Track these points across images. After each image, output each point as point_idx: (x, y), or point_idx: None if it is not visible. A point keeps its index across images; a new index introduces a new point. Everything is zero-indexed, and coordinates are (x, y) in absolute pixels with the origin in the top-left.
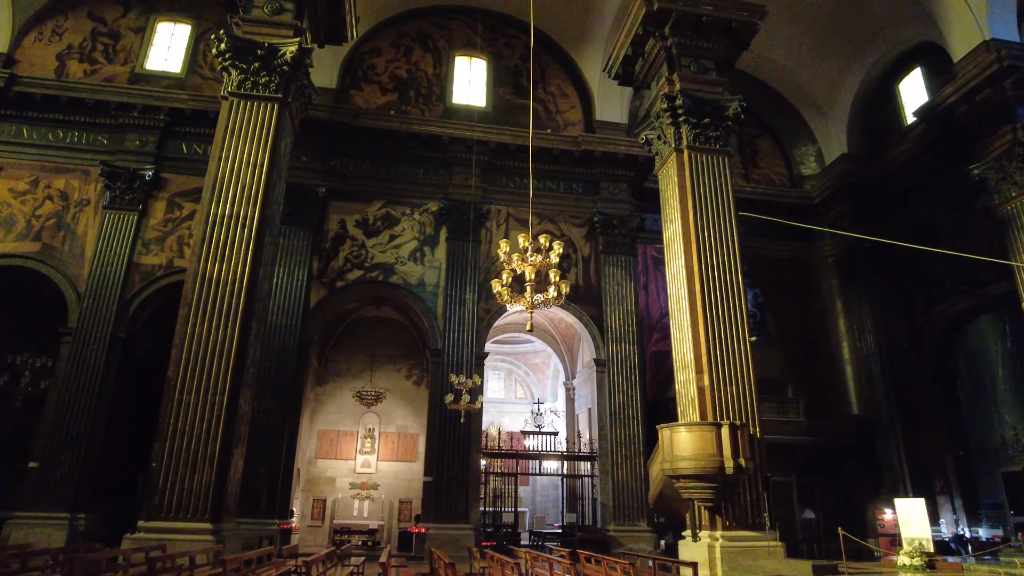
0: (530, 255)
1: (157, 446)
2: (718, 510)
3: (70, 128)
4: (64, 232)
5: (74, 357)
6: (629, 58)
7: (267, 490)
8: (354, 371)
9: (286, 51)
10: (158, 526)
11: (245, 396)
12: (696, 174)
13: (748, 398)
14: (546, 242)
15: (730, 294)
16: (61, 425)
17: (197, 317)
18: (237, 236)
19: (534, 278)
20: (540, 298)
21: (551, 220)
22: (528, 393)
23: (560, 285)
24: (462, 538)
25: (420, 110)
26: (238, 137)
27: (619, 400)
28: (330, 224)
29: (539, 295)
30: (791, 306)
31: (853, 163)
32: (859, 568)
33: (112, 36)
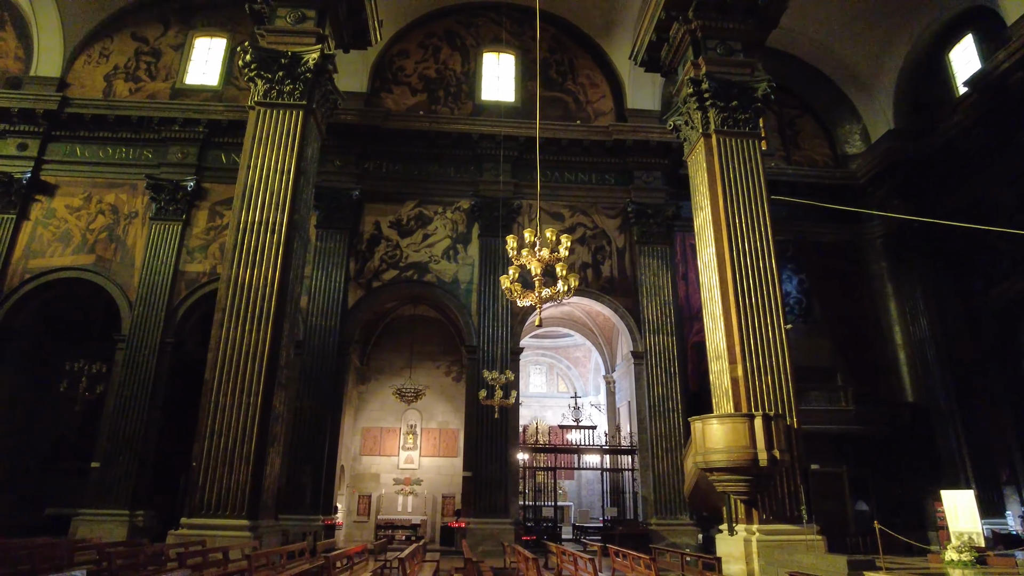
0: (538, 250)
1: (196, 446)
2: (754, 503)
3: (118, 145)
4: (115, 244)
5: (128, 362)
6: (654, 44)
7: (311, 487)
8: (395, 369)
9: (308, 58)
10: (199, 523)
11: (279, 396)
12: (725, 159)
13: (784, 387)
14: (552, 236)
15: (764, 281)
16: (118, 427)
17: (231, 321)
18: (267, 241)
19: (540, 273)
20: (548, 293)
21: (583, 212)
22: (570, 387)
23: (569, 279)
24: (501, 532)
25: (450, 108)
26: (265, 145)
27: (658, 392)
28: (365, 226)
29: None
30: (838, 291)
31: (901, 139)
32: (901, 563)
33: (154, 54)
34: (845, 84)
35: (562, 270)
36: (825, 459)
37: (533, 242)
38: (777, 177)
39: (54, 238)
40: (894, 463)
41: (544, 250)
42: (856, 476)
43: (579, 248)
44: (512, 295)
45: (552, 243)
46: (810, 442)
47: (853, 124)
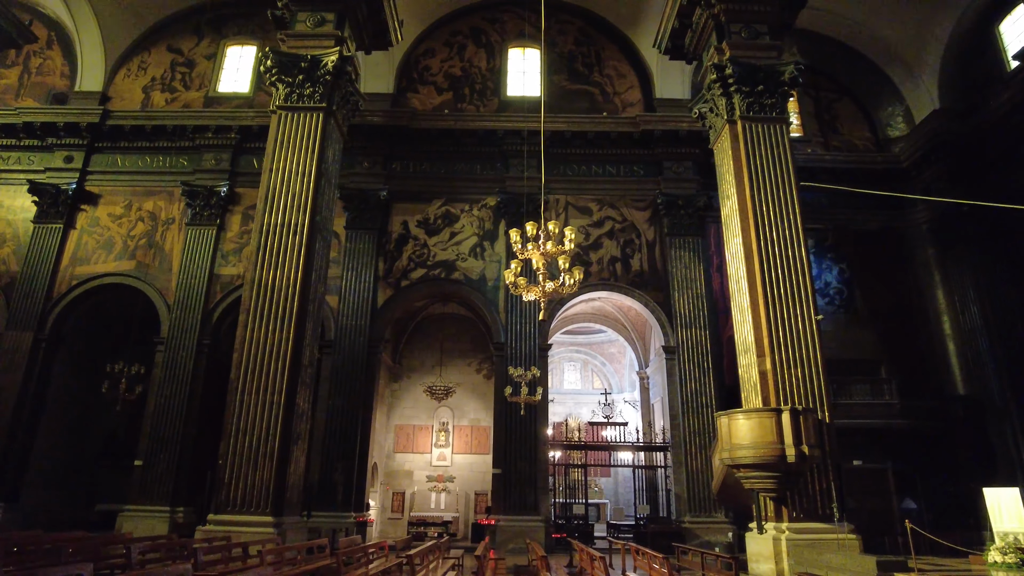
0: (542, 243)
1: (222, 444)
2: (783, 501)
3: (156, 153)
4: (154, 249)
5: (167, 364)
6: (677, 31)
7: (343, 484)
8: (427, 367)
9: (327, 61)
10: (225, 519)
11: (303, 395)
12: (751, 145)
13: (816, 381)
14: (555, 229)
15: (793, 271)
16: (159, 426)
17: (255, 322)
18: (289, 243)
19: (543, 266)
20: (551, 287)
21: (612, 206)
22: (605, 383)
23: (573, 272)
24: (531, 530)
25: (475, 106)
26: (287, 148)
27: (691, 388)
28: (393, 226)
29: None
30: (882, 280)
31: (947, 119)
32: (939, 564)
33: (188, 65)
34: (885, 64)
35: (564, 263)
36: (869, 455)
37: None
38: (815, 164)
39: (98, 245)
40: (945, 460)
41: (549, 243)
42: (903, 473)
43: (608, 242)
44: (517, 289)
45: (556, 236)
46: (852, 437)
47: (895, 106)
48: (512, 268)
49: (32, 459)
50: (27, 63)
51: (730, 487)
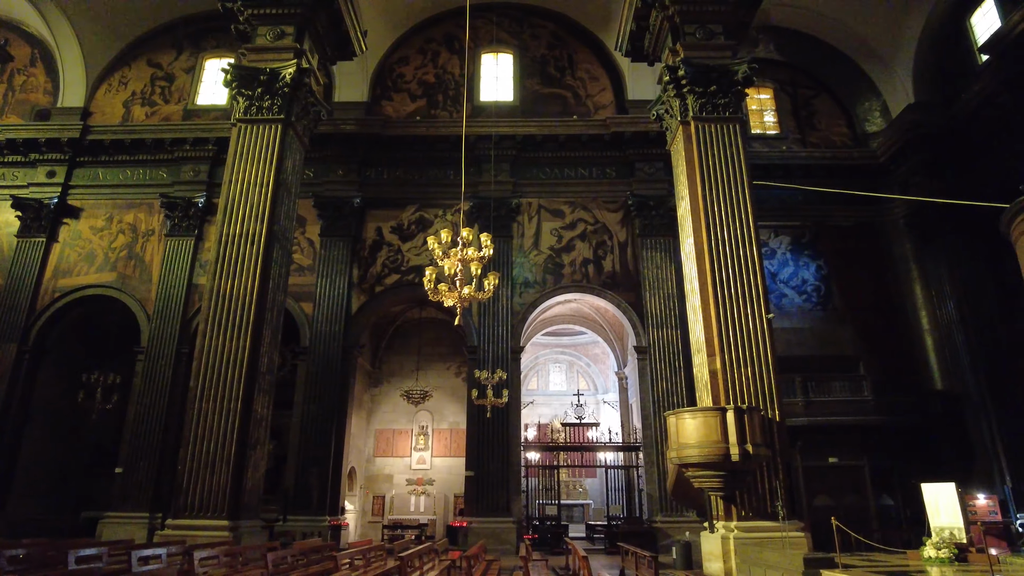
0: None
1: (181, 451)
2: (732, 500)
3: (136, 166)
4: (134, 261)
5: (146, 373)
6: (635, 33)
7: (318, 489)
8: (406, 371)
9: (285, 73)
10: (182, 523)
11: (261, 401)
12: (704, 146)
13: (766, 380)
14: (469, 236)
15: (745, 270)
16: (139, 434)
17: (214, 331)
18: (247, 253)
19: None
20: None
21: (584, 208)
22: (590, 384)
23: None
24: (503, 531)
25: (448, 112)
26: (246, 160)
27: (662, 388)
28: (367, 232)
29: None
30: (860, 276)
31: (922, 113)
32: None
33: (167, 79)
34: (862, 59)
35: (476, 269)
36: (846, 452)
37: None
38: (790, 161)
39: (80, 258)
40: (922, 455)
41: (470, 249)
42: (880, 469)
43: (580, 244)
44: (437, 296)
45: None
46: (829, 434)
47: (872, 101)
48: (428, 275)
49: (18, 469)
50: (11, 81)
51: (683, 486)
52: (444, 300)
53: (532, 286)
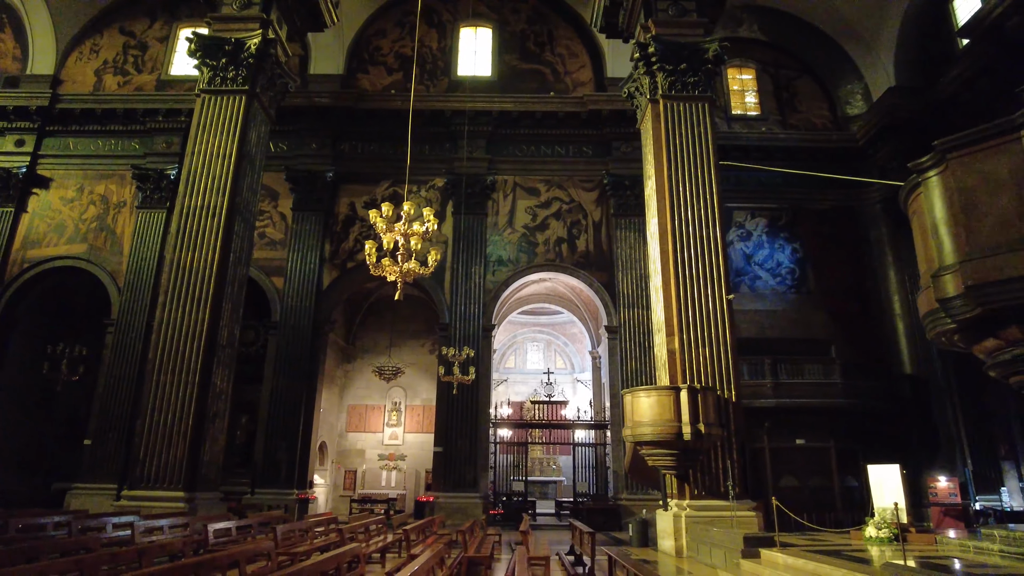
0: (403, 224)
1: (138, 423)
2: (685, 478)
3: (108, 137)
4: (105, 233)
5: (116, 345)
6: (609, 8)
7: (286, 463)
8: (380, 348)
9: (250, 44)
10: (138, 494)
11: (219, 374)
12: (672, 124)
13: (724, 360)
14: (410, 209)
15: (708, 251)
16: (108, 406)
17: (173, 303)
18: (208, 225)
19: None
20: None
21: (560, 186)
22: (567, 363)
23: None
24: (469, 506)
25: (425, 86)
26: (208, 131)
27: (631, 367)
28: (340, 207)
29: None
30: (835, 260)
31: (902, 97)
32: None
33: (140, 47)
34: (845, 41)
35: (417, 243)
36: (814, 434)
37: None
38: (770, 142)
39: (49, 229)
40: (890, 438)
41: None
42: (847, 451)
43: (554, 223)
44: (379, 270)
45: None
46: (798, 417)
47: (854, 84)
48: (367, 249)
49: None
50: None
51: (638, 464)
52: (386, 275)
53: (506, 264)
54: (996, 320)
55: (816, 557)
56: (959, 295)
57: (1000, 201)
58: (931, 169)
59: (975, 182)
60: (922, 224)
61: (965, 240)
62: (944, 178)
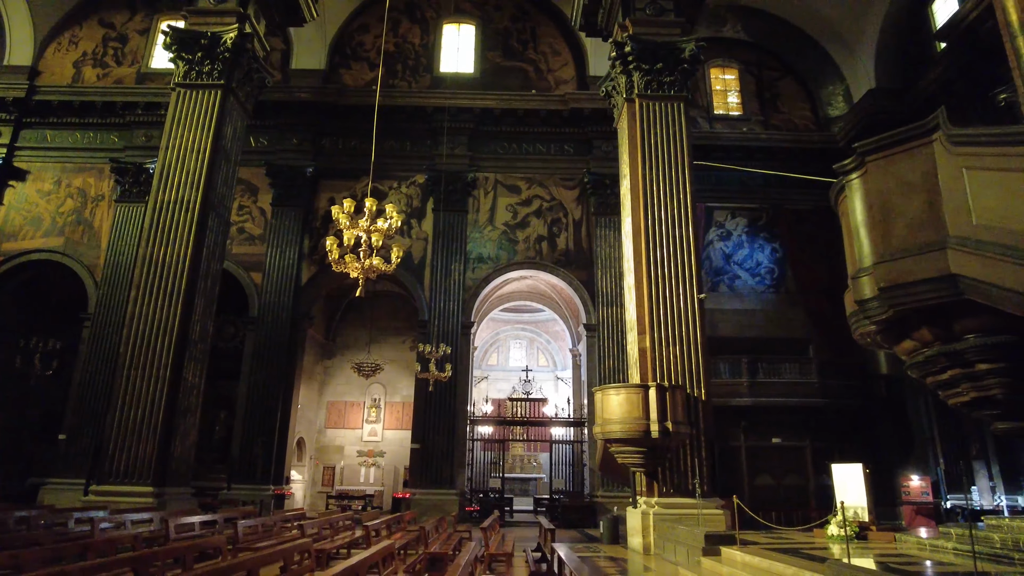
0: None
1: (108, 417)
2: (654, 476)
3: (86, 130)
4: (83, 226)
5: (93, 340)
6: (588, 6)
7: (262, 458)
8: (360, 344)
9: (227, 38)
10: (107, 489)
11: (191, 369)
12: (648, 124)
13: (694, 359)
14: (372, 206)
15: (680, 250)
16: (84, 401)
17: (144, 298)
18: (181, 220)
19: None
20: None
21: (541, 184)
22: (550, 361)
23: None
24: (446, 503)
25: (407, 82)
26: (184, 126)
27: (609, 365)
28: (320, 203)
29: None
30: (815, 259)
31: (882, 98)
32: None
33: (121, 40)
34: (828, 43)
35: (378, 240)
36: (790, 433)
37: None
38: (751, 142)
39: (25, 222)
40: (865, 437)
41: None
42: (822, 450)
43: (535, 221)
44: (341, 266)
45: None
46: (774, 415)
47: (836, 85)
48: (329, 244)
49: None
50: None
51: (608, 462)
52: (349, 271)
53: (486, 262)
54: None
55: (772, 555)
56: (874, 297)
57: (912, 205)
58: (853, 172)
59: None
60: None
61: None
62: (864, 181)
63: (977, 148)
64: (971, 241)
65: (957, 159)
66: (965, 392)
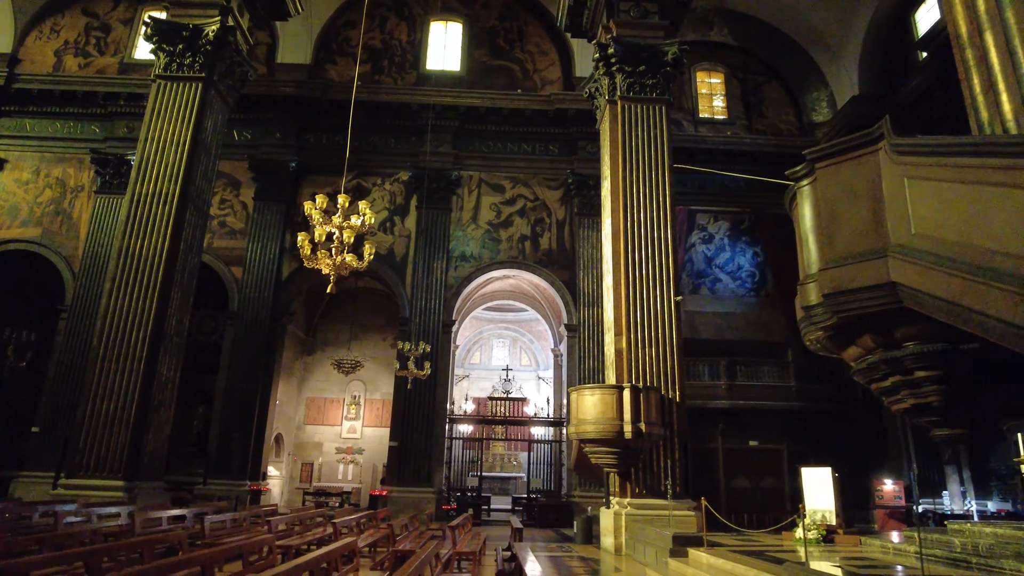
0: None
1: (80, 410)
2: (627, 477)
3: (66, 119)
4: (62, 217)
5: (69, 332)
6: (573, 7)
7: (240, 453)
8: (340, 341)
9: (208, 31)
10: (76, 483)
11: (167, 363)
12: (629, 126)
13: (669, 360)
14: (344, 202)
15: (658, 252)
16: (58, 393)
17: (120, 291)
18: (159, 213)
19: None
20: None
21: (525, 184)
22: (533, 360)
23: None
24: (423, 501)
25: (393, 79)
26: (164, 118)
27: (589, 365)
28: (302, 198)
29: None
30: (795, 264)
31: (865, 105)
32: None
33: (104, 29)
34: (813, 49)
35: (349, 237)
36: (767, 435)
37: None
38: (735, 146)
39: (2, 211)
40: (842, 441)
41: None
42: (799, 453)
43: (518, 220)
44: (313, 262)
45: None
46: (752, 418)
47: (820, 91)
48: (300, 240)
49: None
50: None
51: (583, 462)
52: (320, 267)
53: (469, 260)
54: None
55: (735, 557)
56: (819, 303)
57: (857, 212)
58: (804, 179)
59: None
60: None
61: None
62: (813, 188)
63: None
64: (909, 250)
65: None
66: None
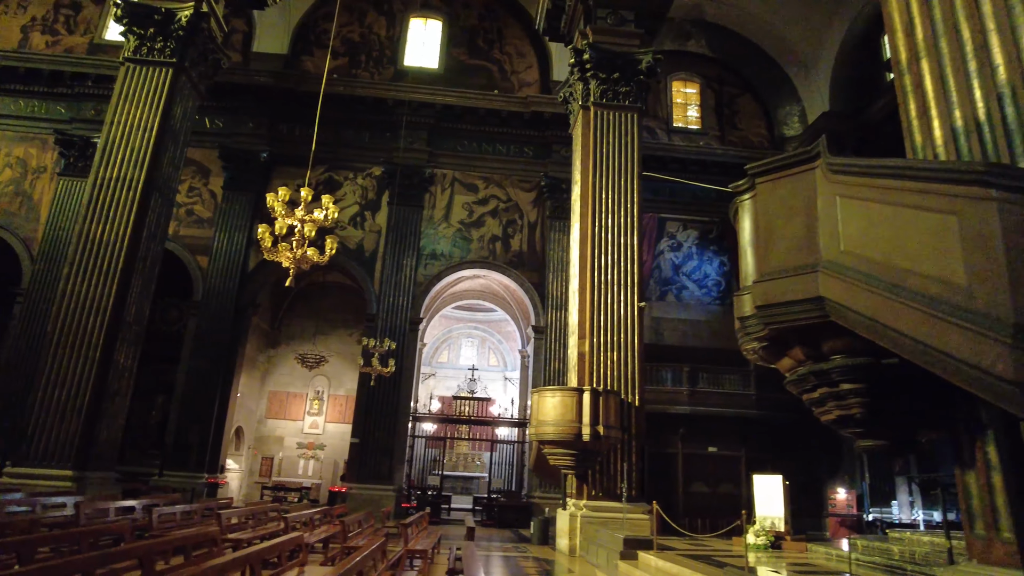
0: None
1: (31, 396)
2: (584, 479)
3: (30, 98)
4: (21, 198)
5: (25, 316)
6: (551, 12)
7: (198, 446)
8: (306, 335)
9: (181, 16)
10: (23, 472)
11: (123, 351)
12: (601, 133)
13: (630, 365)
14: (307, 195)
15: (624, 258)
16: (10, 380)
17: (78, 276)
18: (122, 199)
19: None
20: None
21: (498, 185)
22: (501, 361)
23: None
24: (382, 498)
25: (370, 73)
26: (131, 102)
27: (554, 367)
28: (272, 189)
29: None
30: None
31: (835, 121)
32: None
33: (74, 7)
34: (786, 64)
35: (311, 231)
36: (726, 442)
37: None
38: (707, 156)
39: None
40: (798, 450)
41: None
42: (757, 460)
43: (490, 220)
44: (274, 255)
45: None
46: (712, 425)
47: (793, 105)
48: (261, 232)
49: None
50: None
51: (542, 463)
52: (281, 260)
53: (439, 258)
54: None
55: (683, 561)
56: (753, 315)
57: (793, 228)
58: (745, 193)
59: (776, 208)
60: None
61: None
62: (753, 202)
63: (849, 177)
64: (837, 266)
65: (834, 187)
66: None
